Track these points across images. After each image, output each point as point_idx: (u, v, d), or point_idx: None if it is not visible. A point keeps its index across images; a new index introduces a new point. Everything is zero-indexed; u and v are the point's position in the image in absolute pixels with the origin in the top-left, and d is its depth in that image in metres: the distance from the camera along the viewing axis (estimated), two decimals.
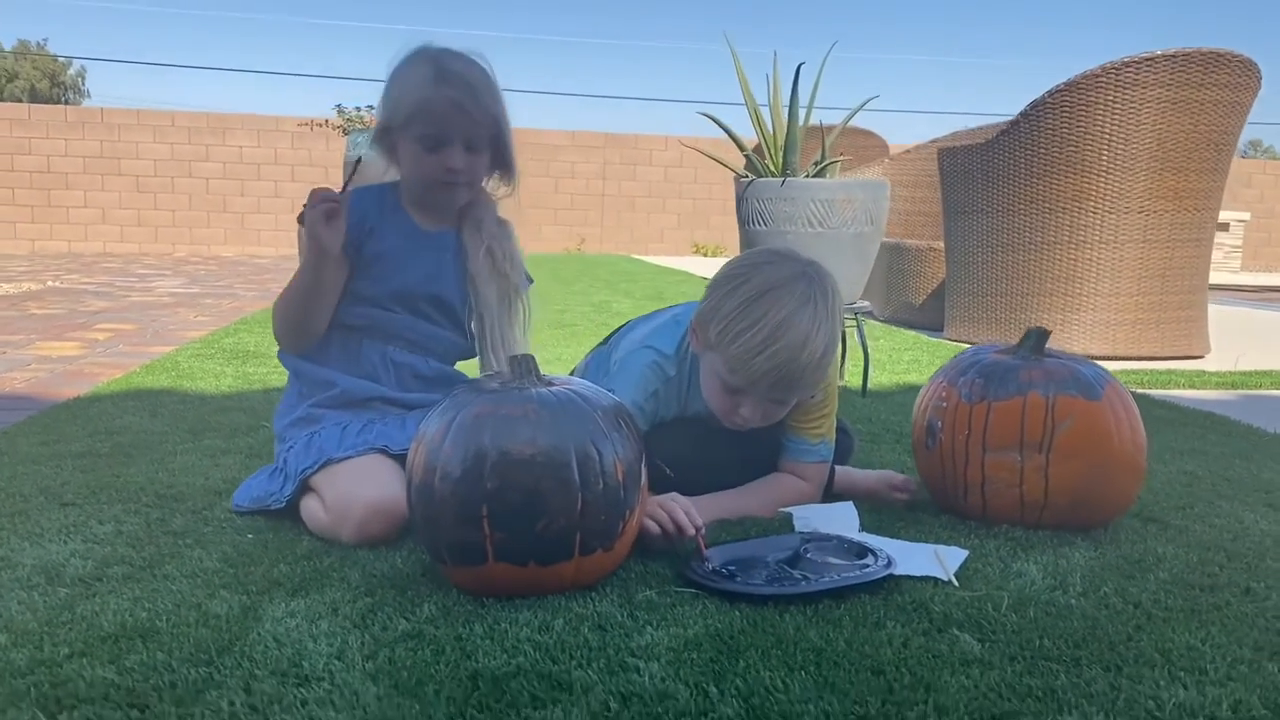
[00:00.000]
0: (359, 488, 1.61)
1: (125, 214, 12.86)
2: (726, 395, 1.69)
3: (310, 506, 1.70)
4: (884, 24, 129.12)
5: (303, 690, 1.12)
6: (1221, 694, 1.15)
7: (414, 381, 1.85)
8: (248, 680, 1.14)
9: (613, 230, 14.25)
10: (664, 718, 1.08)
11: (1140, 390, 3.32)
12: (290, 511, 1.73)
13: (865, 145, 6.98)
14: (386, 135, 1.79)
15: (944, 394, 1.79)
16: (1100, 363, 3.86)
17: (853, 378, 3.23)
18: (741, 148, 3.06)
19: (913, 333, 4.86)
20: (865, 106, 3.12)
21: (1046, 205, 4.12)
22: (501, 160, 1.84)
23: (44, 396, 2.85)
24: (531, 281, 1.98)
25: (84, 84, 43.95)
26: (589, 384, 1.50)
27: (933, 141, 6.28)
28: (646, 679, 1.16)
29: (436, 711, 1.08)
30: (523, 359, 1.47)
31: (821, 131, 3.00)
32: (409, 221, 1.84)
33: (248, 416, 2.54)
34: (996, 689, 1.15)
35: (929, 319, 5.03)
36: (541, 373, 1.48)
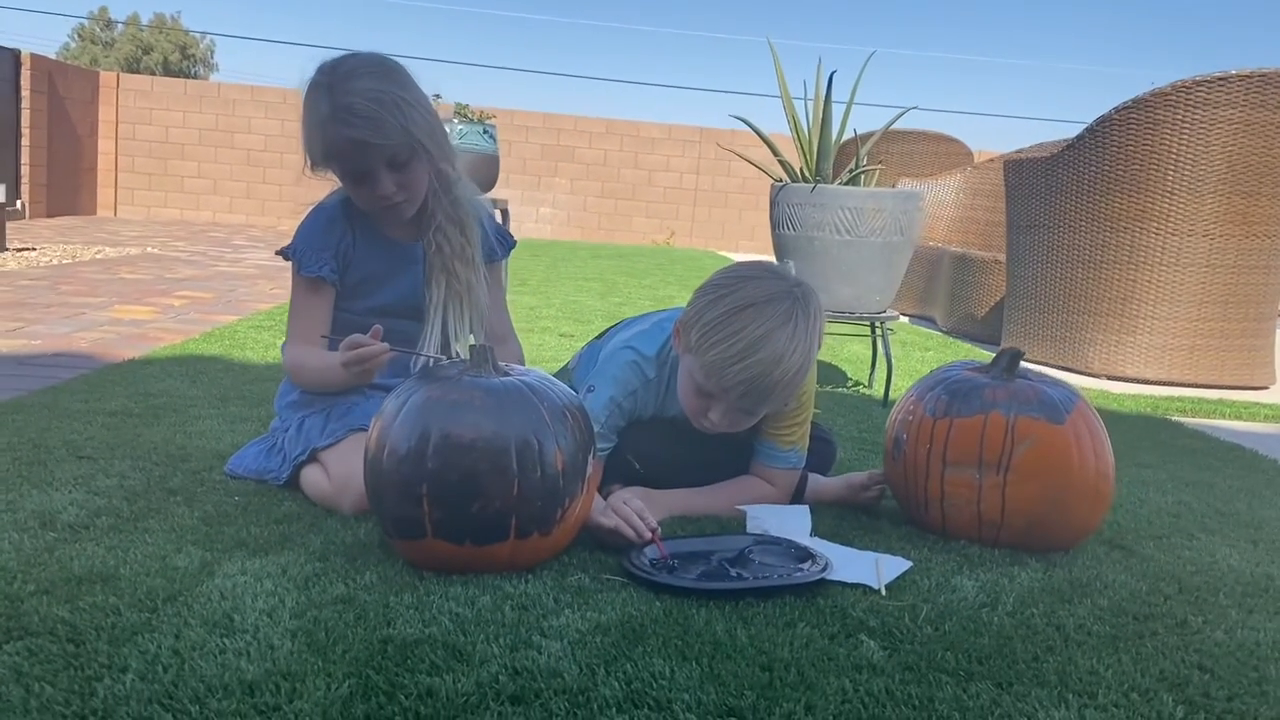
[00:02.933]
0: (360, 464, 1.70)
1: (236, 185, 13.36)
2: (698, 398, 1.74)
3: (313, 478, 1.81)
4: (987, 27, 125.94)
5: (226, 640, 1.21)
6: (1100, 718, 1.17)
7: (406, 372, 1.94)
8: (180, 628, 1.24)
9: (704, 225, 14.28)
10: (544, 693, 1.14)
11: (1178, 418, 3.26)
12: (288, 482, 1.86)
13: (948, 152, 6.90)
14: (319, 168, 1.83)
15: (912, 407, 1.81)
16: (1154, 388, 3.82)
17: (879, 386, 3.24)
18: (776, 152, 3.09)
19: (969, 345, 4.81)
20: (903, 116, 3.12)
21: (1107, 224, 4.05)
22: (439, 154, 1.83)
23: (103, 356, 3.04)
24: (508, 247, 2.04)
25: (212, 57, 45.62)
26: (544, 375, 1.57)
27: (1018, 151, 6.18)
28: (545, 657, 1.23)
29: (337, 669, 1.16)
30: (481, 349, 1.54)
31: (856, 141, 3.01)
32: (383, 238, 1.91)
33: (277, 387, 2.67)
34: (875, 695, 1.19)
35: (990, 332, 4.97)
36: (499, 363, 1.56)
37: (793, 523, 1.74)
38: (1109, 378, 4.08)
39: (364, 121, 1.71)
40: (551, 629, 1.31)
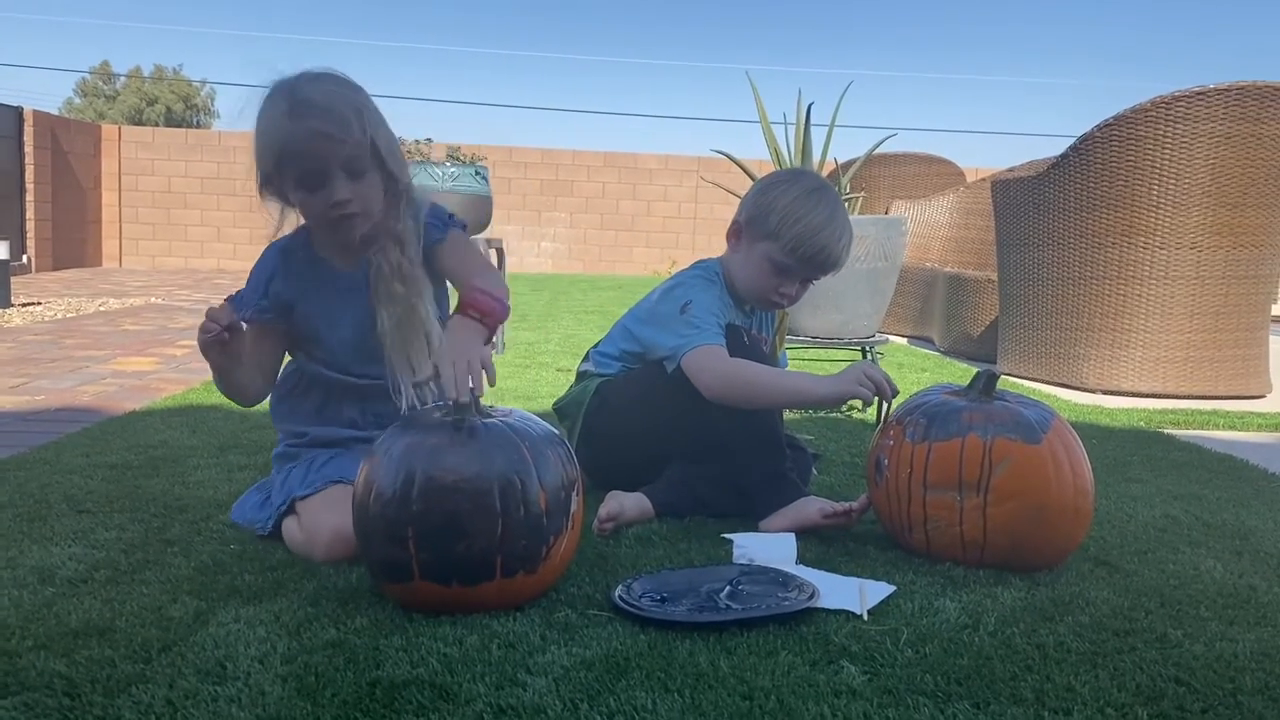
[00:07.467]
0: (327, 515, 1.74)
1: (239, 232, 13.46)
2: (775, 277, 2.10)
3: (290, 528, 1.84)
4: (986, 44, 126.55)
5: (218, 688, 1.24)
6: None
7: (389, 420, 1.93)
8: (174, 678, 1.27)
9: (704, 253, 14.23)
10: None
11: (1171, 430, 3.27)
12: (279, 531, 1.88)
13: (940, 173, 6.95)
14: (270, 186, 1.75)
15: (892, 432, 1.84)
16: (1150, 401, 3.83)
17: (872, 410, 3.26)
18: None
19: (965, 364, 4.84)
20: (886, 141, 3.17)
21: (1096, 240, 4.08)
22: (389, 174, 1.75)
23: (105, 409, 3.09)
24: (448, 225, 1.87)
25: (213, 105, 46.07)
26: (526, 415, 1.60)
27: (1009, 170, 6.22)
28: (531, 694, 1.25)
29: (325, 713, 1.19)
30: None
31: (838, 169, 3.06)
32: (325, 269, 1.84)
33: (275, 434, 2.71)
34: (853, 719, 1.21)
35: (986, 351, 5.00)
36: (482, 405, 1.59)
37: (778, 551, 1.77)
38: (1105, 393, 4.10)
39: (324, 114, 1.65)
40: (537, 665, 1.33)
